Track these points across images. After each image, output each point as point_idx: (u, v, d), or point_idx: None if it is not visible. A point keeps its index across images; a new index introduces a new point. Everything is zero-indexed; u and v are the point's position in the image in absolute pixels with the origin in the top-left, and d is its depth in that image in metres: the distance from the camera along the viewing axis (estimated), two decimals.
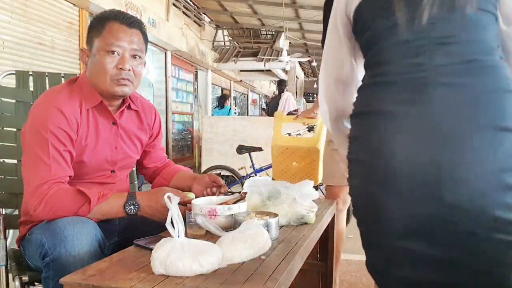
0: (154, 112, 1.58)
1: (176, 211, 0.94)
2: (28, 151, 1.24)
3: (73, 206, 1.20)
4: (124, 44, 1.30)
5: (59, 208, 1.19)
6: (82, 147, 1.32)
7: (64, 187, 1.22)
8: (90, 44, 1.34)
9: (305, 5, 9.66)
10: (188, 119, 9.62)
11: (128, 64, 1.31)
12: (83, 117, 1.32)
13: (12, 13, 4.27)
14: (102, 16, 1.35)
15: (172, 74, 8.43)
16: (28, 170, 1.23)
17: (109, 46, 1.29)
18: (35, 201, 1.18)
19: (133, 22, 1.34)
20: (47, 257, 1.10)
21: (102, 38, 1.30)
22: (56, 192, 1.19)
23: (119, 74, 1.31)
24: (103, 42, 1.30)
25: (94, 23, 1.35)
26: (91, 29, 1.35)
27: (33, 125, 1.25)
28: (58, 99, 1.28)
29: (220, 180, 1.46)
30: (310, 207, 1.35)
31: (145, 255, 0.99)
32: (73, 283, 0.84)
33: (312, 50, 13.42)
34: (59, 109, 1.25)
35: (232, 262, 0.95)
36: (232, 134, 6.44)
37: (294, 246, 1.10)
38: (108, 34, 1.30)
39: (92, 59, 1.33)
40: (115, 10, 1.37)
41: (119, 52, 1.30)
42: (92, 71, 1.34)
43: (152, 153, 1.61)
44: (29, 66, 4.39)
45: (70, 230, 1.10)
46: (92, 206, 1.20)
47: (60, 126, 1.24)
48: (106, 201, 1.24)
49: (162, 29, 7.35)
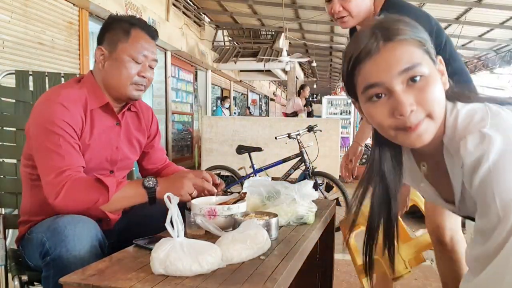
0: (151, 113, 1.60)
1: (176, 211, 0.94)
2: (39, 146, 1.25)
3: (92, 195, 1.20)
4: (148, 54, 1.38)
5: (78, 198, 1.19)
6: (85, 146, 1.33)
7: (83, 177, 1.24)
8: (111, 46, 1.36)
9: (305, 5, 9.66)
10: (187, 119, 9.63)
11: (148, 73, 1.40)
12: (88, 116, 1.33)
13: (12, 13, 4.27)
14: (126, 21, 1.38)
15: (172, 74, 8.43)
16: (43, 163, 1.24)
17: (137, 54, 1.35)
18: (55, 190, 1.19)
19: (155, 35, 1.43)
20: (47, 257, 1.10)
21: (129, 45, 1.35)
22: (76, 181, 1.20)
23: (140, 81, 1.38)
24: (131, 49, 1.35)
25: (116, 25, 1.37)
26: (112, 30, 1.37)
27: (39, 122, 1.26)
28: (63, 96, 1.29)
29: (215, 178, 1.46)
30: (309, 207, 1.36)
31: (145, 255, 0.99)
32: (72, 283, 0.84)
33: (312, 51, 13.42)
34: (64, 105, 1.26)
35: (232, 262, 0.95)
36: (232, 134, 6.44)
37: (293, 246, 1.10)
38: (135, 42, 1.36)
39: (112, 61, 1.36)
40: (138, 18, 1.44)
41: (143, 61, 1.38)
42: (113, 73, 1.36)
43: (151, 154, 1.62)
44: (29, 66, 4.39)
45: (71, 230, 1.10)
46: (111, 193, 1.21)
47: (65, 120, 1.25)
48: (125, 187, 1.25)
49: (162, 29, 7.35)
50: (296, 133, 4.21)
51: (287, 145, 4.58)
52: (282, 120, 6.85)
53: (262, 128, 6.40)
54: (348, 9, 1.47)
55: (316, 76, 17.84)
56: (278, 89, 21.11)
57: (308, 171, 4.09)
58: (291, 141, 4.20)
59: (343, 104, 7.82)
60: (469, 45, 11.23)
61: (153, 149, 1.62)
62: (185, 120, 9.48)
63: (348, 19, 1.50)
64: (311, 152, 4.21)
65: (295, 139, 4.19)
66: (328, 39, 12.96)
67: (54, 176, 1.20)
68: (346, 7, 1.47)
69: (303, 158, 4.15)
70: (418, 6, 8.57)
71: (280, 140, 4.19)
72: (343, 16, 1.49)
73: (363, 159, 9.14)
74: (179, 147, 9.11)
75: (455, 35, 9.58)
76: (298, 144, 4.19)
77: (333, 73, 19.73)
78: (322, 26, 10.95)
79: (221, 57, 10.85)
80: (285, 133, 4.23)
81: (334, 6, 1.49)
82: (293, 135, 4.18)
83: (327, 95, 8.57)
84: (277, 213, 1.24)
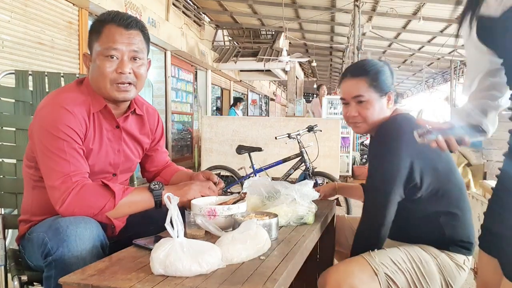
0: (157, 117, 1.58)
1: (176, 212, 0.94)
2: (43, 150, 1.23)
3: (99, 201, 1.19)
4: (122, 47, 1.28)
5: (85, 204, 1.19)
6: (88, 150, 1.32)
7: (89, 183, 1.22)
8: (91, 49, 1.33)
9: (305, 5, 9.67)
10: (187, 119, 9.62)
11: (127, 67, 1.29)
12: (91, 120, 1.32)
13: (11, 13, 4.26)
14: (99, 19, 1.33)
15: (171, 74, 8.43)
16: (48, 167, 1.22)
17: (107, 50, 1.27)
18: (61, 196, 1.18)
19: (131, 23, 1.30)
20: (49, 257, 1.10)
21: (100, 43, 1.28)
22: (82, 188, 1.19)
23: (119, 78, 1.29)
24: (101, 47, 1.28)
25: (93, 26, 1.34)
26: (91, 33, 1.34)
27: (43, 127, 1.24)
28: (67, 100, 1.27)
29: (213, 177, 1.45)
30: (309, 208, 1.35)
31: (145, 255, 0.99)
32: (72, 283, 0.84)
33: (312, 50, 13.43)
34: (68, 110, 1.25)
35: (232, 262, 0.95)
36: (232, 134, 6.44)
37: (293, 246, 1.10)
38: (105, 38, 1.28)
39: (92, 64, 1.33)
40: (112, 11, 1.34)
41: (118, 56, 1.28)
42: (93, 77, 1.33)
43: (154, 157, 1.61)
44: (29, 65, 4.39)
45: (73, 230, 1.10)
46: (117, 199, 1.20)
47: (69, 125, 1.24)
48: (131, 193, 1.24)
49: (162, 29, 7.35)
50: (296, 133, 4.21)
51: (287, 145, 4.58)
52: (282, 120, 6.85)
53: (262, 128, 6.40)
54: (363, 115, 1.50)
55: (316, 76, 17.84)
56: (278, 89, 21.11)
57: (308, 171, 4.09)
58: (291, 141, 4.20)
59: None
60: None
61: (157, 152, 1.61)
62: (185, 120, 9.48)
63: (361, 125, 1.53)
64: (311, 152, 4.21)
65: (295, 139, 4.18)
66: (328, 39, 12.96)
67: (60, 182, 1.19)
68: (362, 113, 1.50)
69: (303, 158, 4.15)
70: (419, 6, 8.61)
71: (280, 140, 4.19)
72: (356, 122, 1.53)
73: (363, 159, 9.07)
74: (179, 147, 9.11)
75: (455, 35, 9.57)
76: (298, 144, 4.19)
77: (333, 73, 19.72)
78: (322, 26, 10.95)
79: (221, 57, 10.84)
80: (285, 133, 4.22)
81: (351, 111, 1.52)
82: (293, 135, 4.18)
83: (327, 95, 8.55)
84: (277, 213, 1.24)
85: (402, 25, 10.29)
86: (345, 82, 1.53)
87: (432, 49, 11.40)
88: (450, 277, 1.38)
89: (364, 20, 9.18)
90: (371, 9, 9.21)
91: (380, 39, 11.12)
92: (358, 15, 8.49)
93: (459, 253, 1.40)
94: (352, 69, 1.56)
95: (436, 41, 11.09)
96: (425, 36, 10.93)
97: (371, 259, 1.35)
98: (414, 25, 9.83)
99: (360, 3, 8.36)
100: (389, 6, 8.64)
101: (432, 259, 1.38)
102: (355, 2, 8.41)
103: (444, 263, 1.38)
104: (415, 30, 10.31)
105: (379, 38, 10.74)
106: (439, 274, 1.37)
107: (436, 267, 1.37)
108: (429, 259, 1.38)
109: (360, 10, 8.45)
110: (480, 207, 1.71)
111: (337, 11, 9.59)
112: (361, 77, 1.48)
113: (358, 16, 8.50)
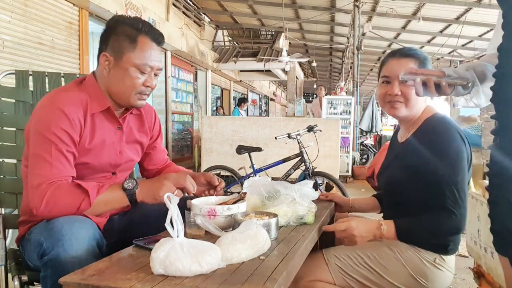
0: (153, 113, 1.59)
1: (176, 211, 0.94)
2: (32, 152, 1.24)
3: (74, 201, 1.19)
4: (154, 64, 1.36)
5: (60, 205, 1.18)
6: (85, 150, 1.32)
7: (62, 184, 1.22)
8: (117, 53, 1.32)
9: (305, 6, 9.67)
10: (187, 119, 9.62)
11: (154, 82, 1.39)
12: (88, 120, 1.32)
13: (12, 13, 4.26)
14: (132, 26, 1.33)
15: (172, 74, 8.43)
16: (31, 171, 1.23)
17: (144, 66, 1.33)
18: (36, 200, 1.18)
19: (161, 40, 1.39)
20: (45, 257, 1.10)
21: (136, 55, 1.31)
22: (56, 189, 1.19)
23: (145, 91, 1.37)
24: (137, 60, 1.31)
25: (120, 29, 1.32)
26: (116, 35, 1.32)
27: (37, 127, 1.25)
28: (63, 100, 1.28)
29: (214, 180, 1.45)
30: (309, 208, 1.36)
31: (144, 255, 0.99)
32: (72, 283, 0.84)
33: (312, 51, 13.43)
34: (63, 111, 1.25)
35: (232, 262, 0.95)
36: (232, 134, 6.44)
37: (293, 246, 1.10)
38: (141, 51, 1.32)
39: (118, 70, 1.32)
40: (143, 21, 1.37)
41: (149, 71, 1.36)
42: (118, 82, 1.33)
43: (152, 155, 1.61)
44: (29, 65, 4.39)
45: (68, 230, 1.10)
46: (92, 198, 1.19)
47: (63, 128, 1.24)
48: (106, 191, 1.23)
49: (162, 29, 7.26)
50: (296, 133, 4.21)
51: (287, 145, 4.59)
52: (282, 120, 6.85)
53: (262, 128, 6.40)
54: (406, 95, 1.42)
55: (316, 76, 17.83)
56: (278, 89, 21.11)
57: (308, 171, 4.09)
58: (291, 141, 4.21)
59: (343, 104, 7.80)
60: (469, 45, 11.24)
61: (155, 150, 1.61)
62: (185, 120, 9.47)
63: (399, 106, 1.45)
64: (311, 152, 4.21)
65: (295, 139, 4.19)
66: (328, 39, 12.96)
67: (36, 186, 1.20)
68: (405, 92, 1.42)
69: (303, 158, 4.15)
70: (418, 6, 8.61)
71: (280, 140, 4.20)
72: (397, 101, 1.45)
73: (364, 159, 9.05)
74: (179, 147, 9.11)
75: (455, 35, 9.59)
76: (298, 144, 4.19)
77: (333, 73, 19.72)
78: (322, 26, 10.95)
79: (221, 57, 10.84)
80: (285, 133, 4.23)
81: (393, 89, 1.44)
82: (293, 135, 4.18)
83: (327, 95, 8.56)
84: (277, 213, 1.24)
85: (402, 25, 10.30)
86: (392, 61, 1.48)
87: (432, 49, 11.41)
88: (420, 273, 1.38)
89: (364, 20, 9.19)
90: (371, 9, 9.22)
91: (380, 39, 11.12)
92: (358, 15, 8.50)
93: (431, 250, 1.40)
94: (402, 51, 1.51)
95: (435, 41, 11.11)
96: (424, 36, 10.94)
97: (326, 251, 1.46)
98: (413, 25, 9.84)
99: (360, 3, 8.37)
100: (389, 6, 8.65)
101: (393, 253, 1.39)
102: (355, 2, 8.42)
103: (410, 258, 1.39)
104: (415, 30, 10.32)
105: (379, 38, 10.75)
106: (404, 268, 1.38)
107: (399, 262, 1.38)
108: (388, 253, 1.40)
109: (360, 10, 8.46)
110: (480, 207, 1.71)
111: (337, 11, 9.60)
112: (411, 58, 1.45)
113: (358, 16, 8.51)
